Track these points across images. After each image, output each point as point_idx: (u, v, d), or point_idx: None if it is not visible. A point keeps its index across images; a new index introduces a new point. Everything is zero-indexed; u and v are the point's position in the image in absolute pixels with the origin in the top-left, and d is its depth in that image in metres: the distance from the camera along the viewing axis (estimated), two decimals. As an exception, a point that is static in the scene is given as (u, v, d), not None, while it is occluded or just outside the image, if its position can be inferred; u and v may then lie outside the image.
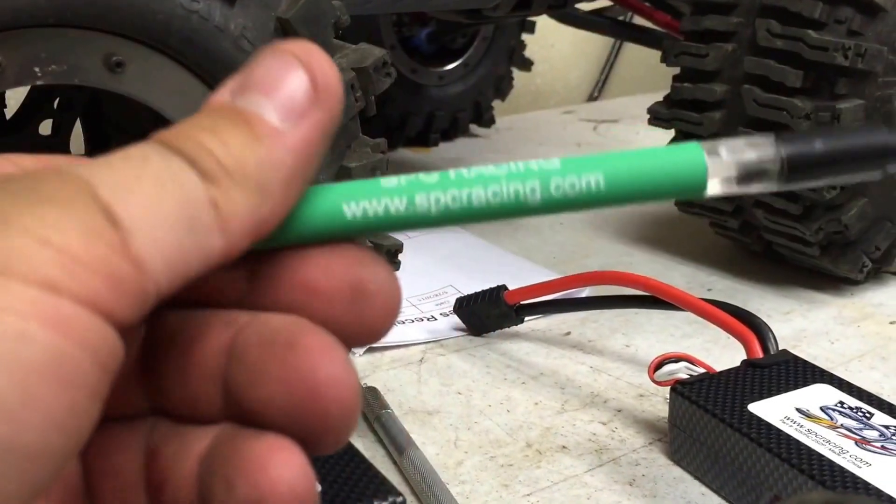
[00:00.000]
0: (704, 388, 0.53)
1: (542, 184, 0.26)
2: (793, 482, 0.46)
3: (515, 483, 0.53)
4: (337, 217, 0.25)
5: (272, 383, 0.23)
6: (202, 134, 0.23)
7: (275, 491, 0.22)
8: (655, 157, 0.27)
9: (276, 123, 0.23)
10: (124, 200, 0.20)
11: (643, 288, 0.63)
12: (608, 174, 0.26)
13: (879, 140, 0.27)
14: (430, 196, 0.25)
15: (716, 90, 0.78)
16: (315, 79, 0.24)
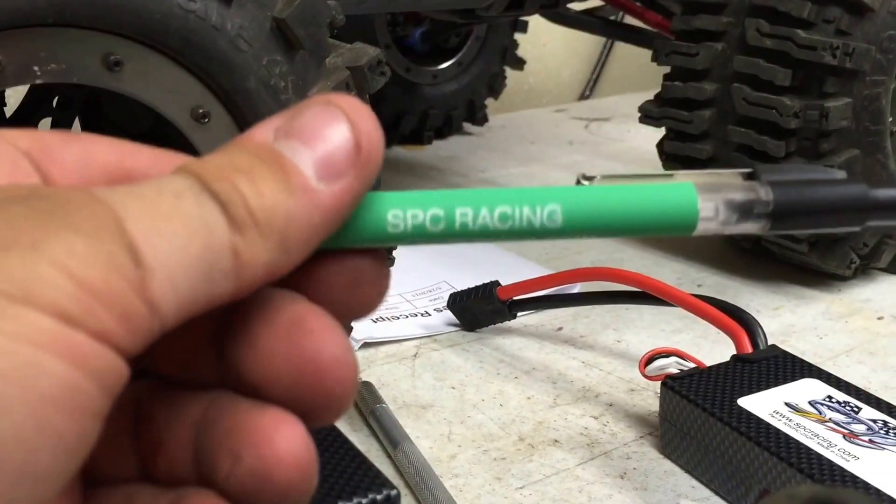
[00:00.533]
0: (694, 382, 0.54)
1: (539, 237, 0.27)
2: (782, 475, 0.47)
3: (508, 476, 0.53)
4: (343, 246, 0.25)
5: (277, 361, 0.24)
6: (238, 176, 0.22)
7: (281, 463, 0.23)
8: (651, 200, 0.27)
9: (311, 179, 0.23)
10: (150, 240, 0.20)
11: (634, 284, 0.63)
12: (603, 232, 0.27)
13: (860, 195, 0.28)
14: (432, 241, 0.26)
15: (706, 89, 0.78)
16: (360, 141, 0.24)
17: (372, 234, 0.25)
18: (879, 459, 0.47)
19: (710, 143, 0.79)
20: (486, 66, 1.33)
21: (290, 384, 0.24)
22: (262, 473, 0.23)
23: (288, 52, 0.48)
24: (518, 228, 0.26)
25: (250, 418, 0.24)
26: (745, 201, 0.28)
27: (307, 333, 0.24)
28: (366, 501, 0.42)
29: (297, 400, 0.24)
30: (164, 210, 0.21)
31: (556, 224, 0.27)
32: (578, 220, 0.27)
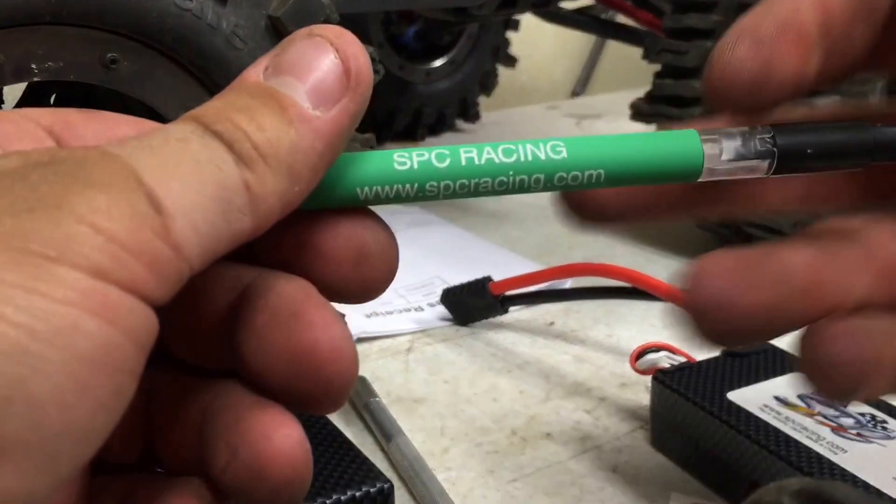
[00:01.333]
0: (685, 376, 0.54)
1: (547, 176, 0.27)
2: (771, 468, 0.47)
3: (501, 469, 0.54)
4: (349, 196, 0.26)
5: (275, 351, 0.24)
6: (238, 115, 0.23)
7: (275, 462, 0.24)
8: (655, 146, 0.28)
9: (308, 108, 0.24)
10: (166, 185, 0.21)
11: (626, 279, 0.64)
12: (609, 169, 0.27)
13: (868, 136, 0.29)
14: (440, 184, 0.26)
15: (696, 86, 0.79)
16: (348, 65, 0.24)
17: (379, 174, 0.26)
18: (867, 452, 0.47)
19: (701, 140, 0.80)
20: (479, 64, 1.33)
21: (289, 375, 0.24)
22: (257, 470, 0.24)
23: (283, 51, 0.48)
24: (523, 163, 0.27)
25: (251, 414, 0.24)
26: (749, 142, 0.28)
27: (305, 325, 0.24)
28: (359, 494, 0.43)
29: (295, 390, 0.24)
30: (174, 156, 0.21)
31: (562, 156, 0.27)
32: (583, 154, 0.27)
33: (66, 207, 0.19)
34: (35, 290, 0.18)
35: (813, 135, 0.29)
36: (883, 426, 0.49)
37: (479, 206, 1.03)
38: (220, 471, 0.24)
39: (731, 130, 0.29)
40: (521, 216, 1.00)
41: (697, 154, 0.28)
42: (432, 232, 0.94)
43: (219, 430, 0.25)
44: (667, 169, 0.28)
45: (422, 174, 0.26)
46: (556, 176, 0.27)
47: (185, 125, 0.22)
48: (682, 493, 0.51)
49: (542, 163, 0.27)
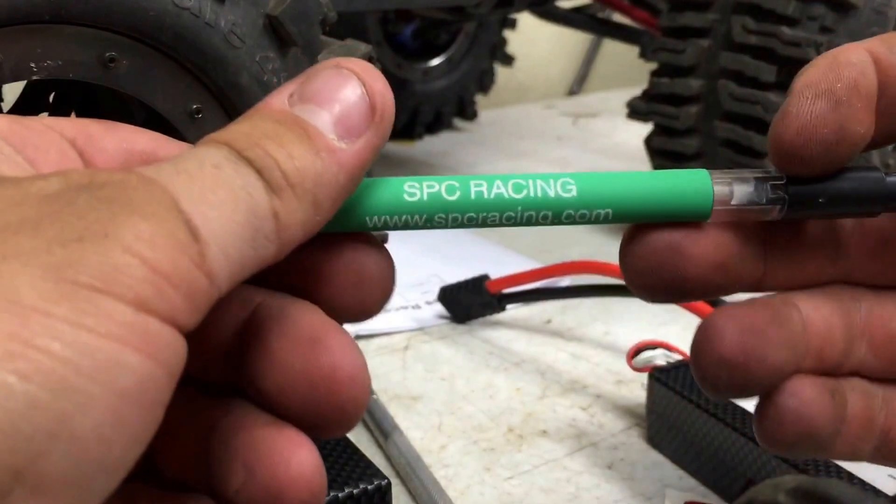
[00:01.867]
0: (681, 374, 0.54)
1: (555, 213, 0.27)
2: (766, 466, 0.48)
3: (497, 466, 0.54)
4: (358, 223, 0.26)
5: (293, 375, 0.24)
6: (268, 142, 0.23)
7: (294, 485, 0.24)
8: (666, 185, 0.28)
9: (333, 140, 0.24)
10: (203, 213, 0.21)
11: (617, 276, 0.64)
12: (618, 208, 0.27)
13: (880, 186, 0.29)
14: (448, 215, 0.27)
15: (692, 85, 0.79)
16: (374, 100, 0.25)
17: (389, 204, 0.26)
18: (862, 449, 0.47)
19: (697, 138, 0.80)
20: (476, 62, 1.33)
21: (305, 398, 0.24)
22: (275, 492, 0.24)
23: (280, 49, 0.48)
24: (533, 199, 0.27)
25: (268, 436, 0.25)
26: (761, 187, 0.29)
27: (325, 351, 0.24)
28: (357, 492, 0.43)
29: (310, 414, 0.25)
30: (209, 182, 0.21)
31: (571, 194, 0.27)
32: (593, 193, 0.27)
33: (112, 237, 0.19)
34: (82, 325, 0.18)
35: (825, 183, 0.29)
36: (878, 423, 0.49)
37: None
38: (235, 491, 0.25)
39: (745, 174, 0.29)
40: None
41: (707, 195, 0.28)
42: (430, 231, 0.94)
43: (233, 449, 0.25)
44: (676, 209, 0.28)
45: (431, 206, 0.26)
46: (565, 213, 0.27)
47: (217, 150, 0.22)
48: (677, 489, 0.52)
49: (551, 200, 0.27)
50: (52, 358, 0.18)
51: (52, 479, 0.18)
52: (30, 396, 0.17)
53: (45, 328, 0.18)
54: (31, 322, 0.18)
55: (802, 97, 0.28)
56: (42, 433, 0.17)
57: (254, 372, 0.25)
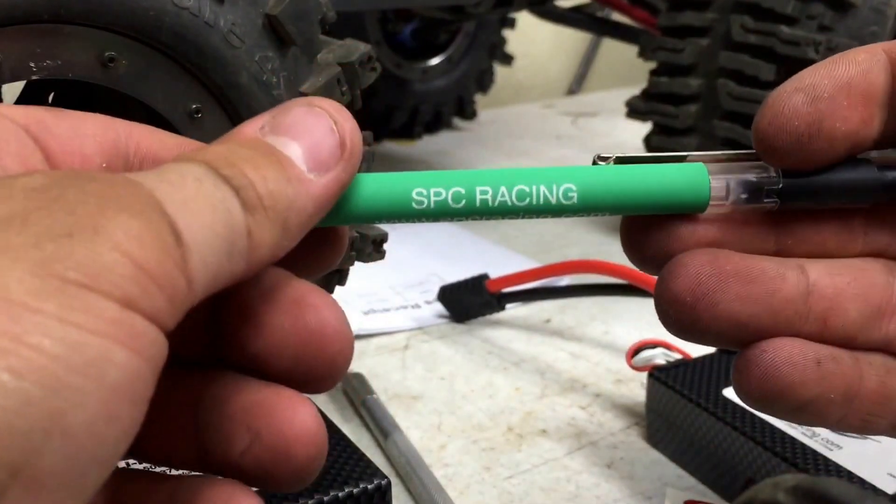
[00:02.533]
0: (681, 373, 0.54)
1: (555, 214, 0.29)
2: (766, 465, 0.48)
3: (497, 466, 0.54)
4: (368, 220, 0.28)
5: (282, 336, 0.25)
6: (245, 165, 0.24)
7: (300, 441, 0.25)
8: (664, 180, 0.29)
9: (304, 171, 0.25)
10: (186, 220, 0.21)
11: (622, 276, 0.64)
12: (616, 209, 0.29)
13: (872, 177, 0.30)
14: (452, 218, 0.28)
15: (691, 84, 0.79)
16: (343, 138, 0.26)
17: (398, 210, 0.27)
18: (862, 448, 0.47)
19: (696, 137, 0.80)
20: (475, 62, 1.33)
21: (296, 357, 0.26)
22: (283, 450, 0.25)
23: (280, 49, 0.48)
24: (535, 206, 0.28)
25: (267, 397, 0.25)
26: (755, 180, 0.30)
27: (311, 309, 0.26)
28: (357, 491, 0.43)
29: (301, 371, 0.26)
30: (191, 193, 0.22)
31: (572, 201, 0.28)
32: (593, 197, 0.29)
33: (101, 232, 0.19)
34: (71, 322, 0.18)
35: (817, 176, 0.30)
36: (878, 422, 0.49)
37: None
38: (239, 454, 0.25)
39: (739, 167, 0.30)
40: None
41: (704, 188, 0.29)
42: (429, 230, 0.94)
43: (231, 415, 0.26)
44: (674, 202, 0.29)
45: (437, 211, 0.28)
46: (564, 214, 0.29)
47: (195, 166, 0.23)
48: (677, 489, 0.52)
49: (552, 206, 0.28)
50: (43, 354, 0.18)
51: (48, 475, 0.18)
52: (23, 393, 0.17)
53: (35, 325, 0.18)
54: (22, 319, 0.18)
55: (784, 90, 0.29)
56: (37, 430, 0.18)
57: (239, 339, 0.26)
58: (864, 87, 0.29)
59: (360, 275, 0.60)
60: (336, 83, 0.49)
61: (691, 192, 0.29)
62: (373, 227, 0.53)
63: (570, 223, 0.98)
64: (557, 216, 0.29)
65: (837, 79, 0.29)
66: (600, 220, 0.98)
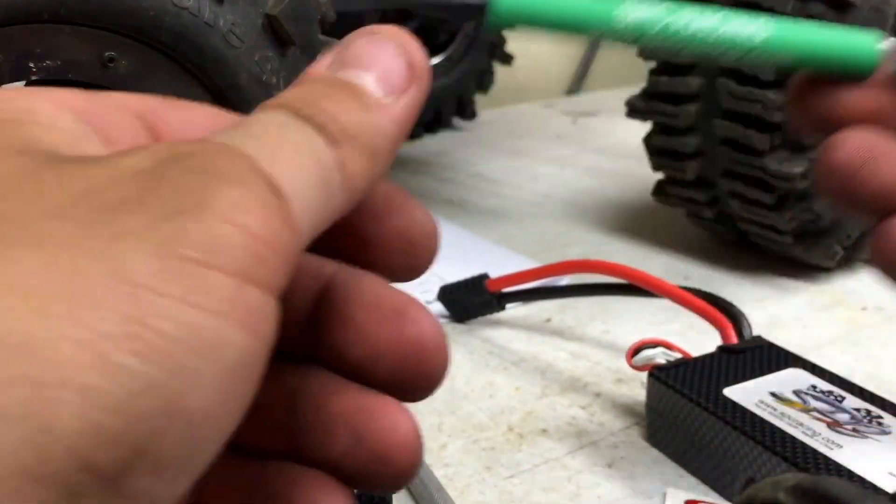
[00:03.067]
0: (681, 373, 0.54)
1: (741, 51, 0.31)
2: (766, 464, 0.48)
3: (498, 466, 0.54)
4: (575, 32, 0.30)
5: (381, 346, 0.26)
6: (323, 101, 0.24)
7: (400, 450, 0.26)
8: (844, 41, 0.32)
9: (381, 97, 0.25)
10: (280, 171, 0.21)
11: (623, 276, 0.64)
12: (796, 57, 0.32)
13: None
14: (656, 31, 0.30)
15: (691, 83, 0.79)
16: (411, 59, 0.26)
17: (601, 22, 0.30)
18: (863, 447, 0.47)
19: (697, 136, 0.80)
20: (475, 62, 1.33)
21: (393, 368, 0.26)
22: (384, 457, 0.26)
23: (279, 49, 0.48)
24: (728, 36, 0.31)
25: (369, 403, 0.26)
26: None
27: (411, 321, 0.26)
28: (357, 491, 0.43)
29: (398, 380, 0.26)
30: (277, 141, 0.22)
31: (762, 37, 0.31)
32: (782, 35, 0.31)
33: (208, 207, 0.20)
34: (190, 303, 0.19)
35: None
36: (878, 422, 0.49)
37: (476, 204, 1.03)
38: (341, 454, 0.26)
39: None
40: (518, 214, 1.01)
41: (874, 54, 0.32)
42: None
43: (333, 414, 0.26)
44: (848, 62, 0.32)
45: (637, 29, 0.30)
46: (749, 51, 0.31)
47: (276, 112, 0.23)
48: (678, 488, 0.52)
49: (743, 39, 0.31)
50: (165, 338, 0.18)
51: (168, 455, 0.18)
52: (149, 377, 0.18)
53: (157, 308, 0.18)
54: (145, 302, 0.18)
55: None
56: (160, 412, 0.18)
57: (337, 343, 0.27)
58: None
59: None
60: (336, 83, 0.50)
61: (864, 54, 0.32)
62: None
63: (571, 223, 0.98)
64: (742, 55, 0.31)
65: None
66: (601, 219, 0.98)
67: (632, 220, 0.98)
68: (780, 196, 0.75)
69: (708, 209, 0.83)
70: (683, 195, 0.85)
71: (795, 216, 0.76)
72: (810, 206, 0.75)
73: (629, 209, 1.01)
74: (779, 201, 0.76)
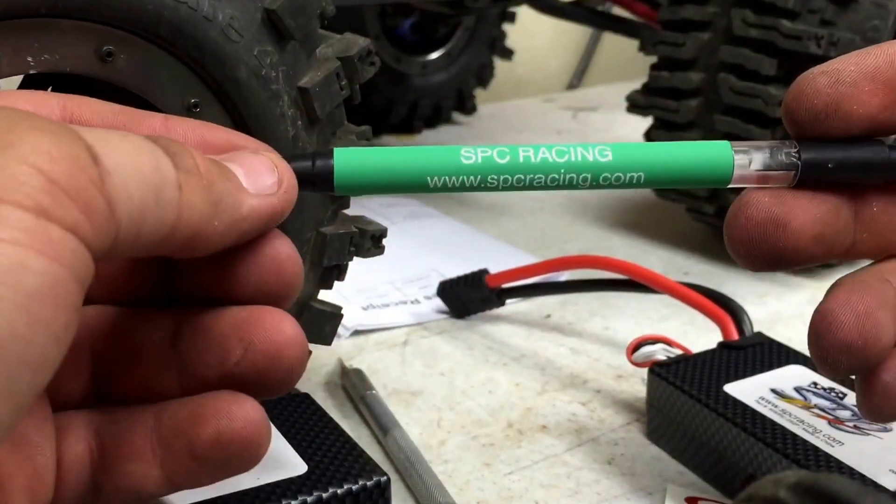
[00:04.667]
0: (681, 369, 0.54)
1: (594, 175, 0.31)
2: (767, 461, 0.48)
3: (497, 462, 0.54)
4: (420, 183, 0.31)
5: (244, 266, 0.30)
6: (187, 149, 0.26)
7: (289, 346, 0.29)
8: (691, 154, 0.32)
9: (245, 184, 0.28)
10: (106, 150, 0.23)
11: (623, 272, 0.64)
12: (649, 172, 0.32)
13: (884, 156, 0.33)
14: (499, 177, 0.31)
15: (692, 78, 0.79)
16: (282, 177, 0.30)
17: (447, 166, 0.30)
18: (863, 444, 0.47)
19: (697, 132, 0.80)
20: (475, 56, 1.33)
21: (257, 283, 0.30)
22: (275, 354, 0.29)
23: (279, 43, 0.48)
24: (574, 163, 0.31)
25: (253, 313, 0.29)
26: (776, 154, 0.33)
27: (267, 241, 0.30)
28: (356, 488, 0.43)
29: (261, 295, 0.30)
30: (118, 135, 0.24)
31: (608, 159, 0.31)
32: (627, 158, 0.32)
33: (11, 148, 0.20)
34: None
35: (835, 151, 0.33)
36: (879, 418, 0.49)
37: (475, 199, 1.03)
38: (234, 363, 0.29)
39: (761, 144, 0.33)
40: (518, 209, 1.01)
41: (728, 163, 0.32)
42: (429, 225, 0.94)
43: (223, 332, 0.29)
44: (701, 175, 0.32)
45: (484, 168, 0.30)
46: (602, 176, 0.31)
47: (133, 135, 0.25)
48: (678, 485, 0.52)
49: (589, 164, 0.31)
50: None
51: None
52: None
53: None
54: None
55: (811, 71, 0.33)
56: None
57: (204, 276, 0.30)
58: (889, 75, 0.32)
59: (359, 270, 0.59)
60: (335, 77, 0.49)
61: (717, 166, 0.32)
62: (372, 222, 0.53)
63: (571, 218, 0.98)
64: (596, 179, 0.31)
65: (864, 66, 0.32)
66: (601, 215, 0.98)
67: (631, 215, 0.98)
68: (780, 192, 0.75)
69: (708, 204, 0.83)
70: (684, 191, 0.85)
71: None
72: (811, 201, 0.75)
73: (629, 205, 1.01)
74: (779, 197, 0.75)
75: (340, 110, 0.51)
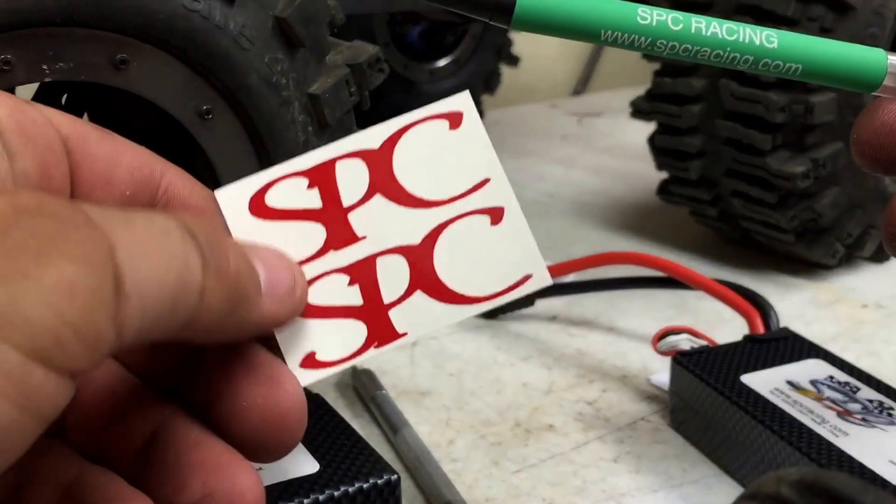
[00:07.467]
0: (703, 359, 0.55)
1: (755, 59, 0.31)
2: (773, 448, 0.49)
3: (505, 460, 0.55)
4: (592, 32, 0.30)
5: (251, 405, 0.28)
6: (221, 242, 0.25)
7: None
8: (849, 54, 0.33)
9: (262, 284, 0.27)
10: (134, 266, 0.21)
11: (660, 268, 0.66)
12: (807, 65, 0.32)
13: None
14: (668, 42, 0.31)
15: (694, 84, 0.79)
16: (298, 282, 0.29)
17: (623, 21, 0.30)
18: (868, 436, 0.48)
19: (700, 137, 0.81)
20: (482, 63, 1.34)
21: (257, 427, 0.28)
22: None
23: (289, 51, 0.49)
24: (740, 43, 0.31)
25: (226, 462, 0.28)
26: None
27: (284, 392, 0.28)
28: (367, 486, 0.43)
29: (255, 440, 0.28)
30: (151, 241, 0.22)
31: (773, 45, 0.31)
32: (791, 48, 0.32)
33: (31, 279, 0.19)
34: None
35: None
36: (889, 413, 0.50)
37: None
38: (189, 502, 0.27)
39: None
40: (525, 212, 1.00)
41: (882, 69, 0.33)
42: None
43: (192, 467, 0.28)
44: (854, 75, 0.33)
45: (656, 31, 0.30)
46: (763, 61, 0.31)
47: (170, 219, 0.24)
48: (682, 483, 0.52)
49: (755, 47, 0.31)
50: None
51: None
52: None
53: None
54: None
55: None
56: None
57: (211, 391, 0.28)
58: None
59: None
60: (345, 84, 0.50)
61: (870, 68, 0.33)
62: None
63: (576, 221, 0.98)
64: (756, 63, 0.31)
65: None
66: (606, 218, 0.98)
67: (636, 218, 0.98)
68: (781, 195, 0.76)
69: (711, 208, 0.84)
70: (687, 194, 0.86)
71: (797, 215, 0.76)
72: (811, 204, 0.76)
73: (634, 208, 1.01)
74: (781, 200, 0.76)
75: (350, 116, 0.52)
